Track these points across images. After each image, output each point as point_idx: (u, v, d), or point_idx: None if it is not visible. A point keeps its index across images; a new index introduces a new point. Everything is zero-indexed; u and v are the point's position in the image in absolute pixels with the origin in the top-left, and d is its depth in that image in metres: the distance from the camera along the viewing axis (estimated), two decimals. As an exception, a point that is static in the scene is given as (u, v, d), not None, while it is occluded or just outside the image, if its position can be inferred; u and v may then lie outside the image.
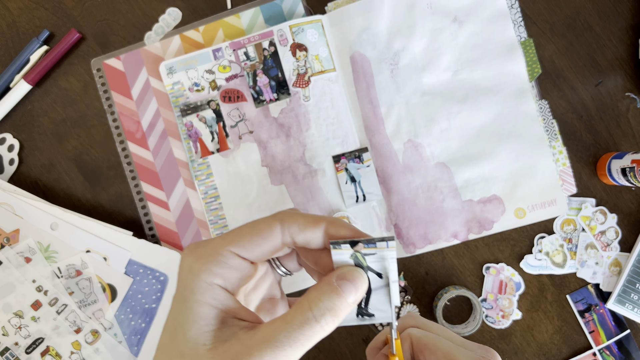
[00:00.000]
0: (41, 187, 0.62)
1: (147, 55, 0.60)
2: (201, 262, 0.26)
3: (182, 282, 0.26)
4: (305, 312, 0.24)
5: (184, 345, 0.25)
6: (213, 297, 0.25)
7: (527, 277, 0.59)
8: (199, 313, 0.25)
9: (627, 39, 0.59)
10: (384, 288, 0.27)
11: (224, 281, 0.26)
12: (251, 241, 0.26)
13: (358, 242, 0.26)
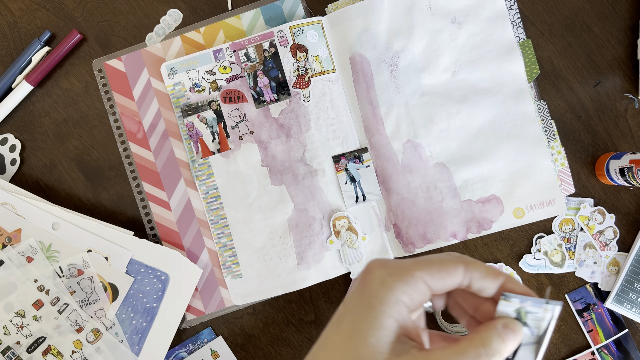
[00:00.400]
0: (43, 187, 0.62)
1: (148, 56, 0.60)
2: (394, 277, 0.28)
3: (371, 291, 0.28)
4: (478, 347, 0.27)
5: (362, 349, 0.27)
6: (398, 312, 0.28)
7: (526, 277, 0.59)
8: (383, 323, 0.27)
9: (625, 40, 0.59)
10: (532, 345, 0.29)
11: (409, 301, 0.28)
12: (438, 273, 0.29)
13: (528, 300, 0.29)
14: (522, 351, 0.29)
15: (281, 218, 0.59)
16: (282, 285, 0.59)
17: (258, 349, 0.61)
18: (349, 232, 0.58)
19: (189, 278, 0.59)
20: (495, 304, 0.29)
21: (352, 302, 0.29)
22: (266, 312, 0.61)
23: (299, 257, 0.59)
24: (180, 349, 0.61)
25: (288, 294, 0.60)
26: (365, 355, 0.27)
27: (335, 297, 0.61)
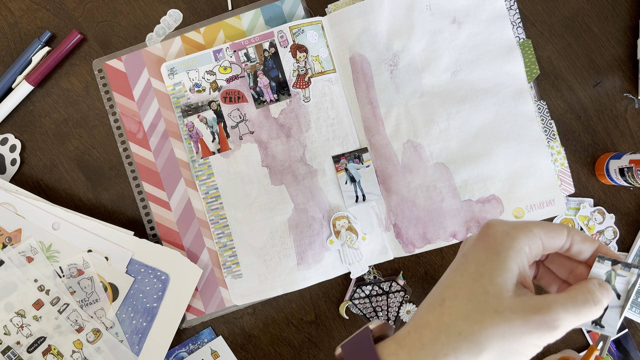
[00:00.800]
0: (43, 187, 0.62)
1: (149, 56, 0.60)
2: (517, 230, 0.32)
3: (496, 240, 0.32)
4: (585, 294, 0.31)
5: (489, 286, 0.31)
6: (520, 260, 0.32)
7: (526, 277, 0.59)
8: (509, 266, 0.31)
9: (625, 40, 0.59)
10: (617, 308, 0.33)
11: (529, 252, 0.32)
12: (550, 232, 0.33)
13: (618, 262, 0.33)
14: (609, 312, 0.33)
15: (281, 218, 0.59)
16: (282, 285, 0.59)
17: (258, 349, 0.61)
18: (349, 232, 0.58)
19: (189, 278, 0.59)
20: (588, 268, 0.34)
21: (474, 252, 0.33)
22: (266, 312, 0.61)
23: (299, 257, 0.59)
24: (181, 349, 0.61)
25: (288, 293, 0.60)
26: (492, 292, 0.31)
27: (335, 297, 0.61)
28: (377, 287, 0.60)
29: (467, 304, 0.31)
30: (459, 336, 0.30)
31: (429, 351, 0.31)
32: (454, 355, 0.30)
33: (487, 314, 0.30)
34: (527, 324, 0.29)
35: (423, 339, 0.31)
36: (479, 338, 0.30)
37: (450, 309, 0.32)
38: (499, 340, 0.29)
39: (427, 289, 0.60)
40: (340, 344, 0.35)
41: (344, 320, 0.61)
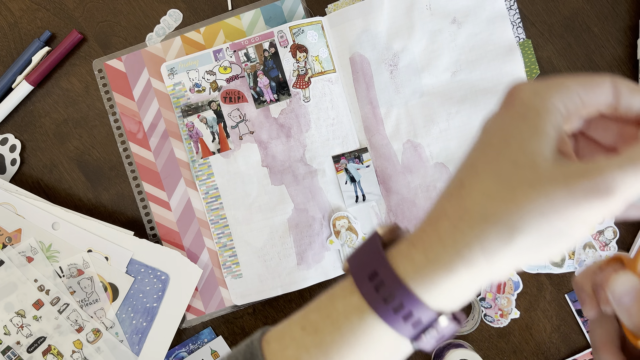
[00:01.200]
0: (43, 187, 0.62)
1: (149, 56, 0.60)
2: (547, 87, 0.26)
3: (524, 103, 0.26)
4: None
5: (519, 156, 0.24)
6: (555, 121, 0.25)
7: (526, 277, 0.60)
8: (543, 130, 0.25)
9: (625, 40, 0.59)
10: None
11: (565, 110, 0.25)
12: (589, 84, 0.26)
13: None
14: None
15: (281, 218, 0.59)
16: (282, 285, 0.59)
17: (258, 349, 0.61)
18: (349, 232, 0.58)
19: (189, 278, 0.59)
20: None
21: (497, 123, 0.26)
22: (266, 312, 0.61)
23: (299, 257, 0.59)
24: (181, 349, 0.61)
25: (288, 294, 0.60)
26: (523, 162, 0.24)
27: (335, 297, 0.61)
28: (377, 287, 0.60)
29: (492, 180, 0.25)
30: (484, 220, 0.24)
31: (447, 244, 0.25)
32: (479, 245, 0.24)
33: (518, 189, 0.24)
34: (573, 193, 0.23)
35: (440, 232, 0.26)
36: (510, 219, 0.24)
37: (470, 191, 0.25)
38: (536, 219, 0.23)
39: (427, 289, 0.60)
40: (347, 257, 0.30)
41: (344, 320, 0.61)
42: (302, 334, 0.30)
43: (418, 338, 0.27)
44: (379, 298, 0.27)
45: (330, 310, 0.30)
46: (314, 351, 0.29)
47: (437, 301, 0.26)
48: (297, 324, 0.31)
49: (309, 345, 0.29)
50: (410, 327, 0.27)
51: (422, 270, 0.26)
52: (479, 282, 0.26)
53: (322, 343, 0.29)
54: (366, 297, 0.27)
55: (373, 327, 0.27)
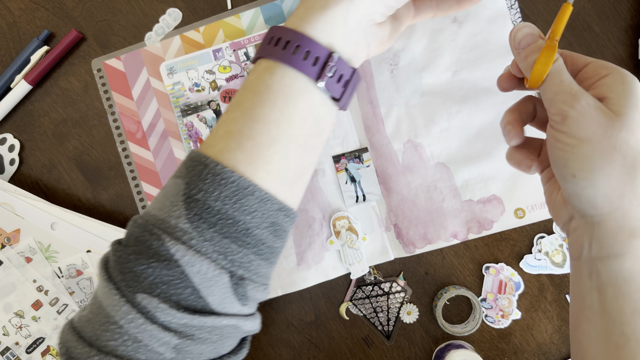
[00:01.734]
0: (42, 187, 0.62)
1: (148, 56, 0.60)
2: None
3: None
4: None
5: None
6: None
7: (527, 277, 0.59)
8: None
9: (626, 40, 0.59)
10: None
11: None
12: None
13: None
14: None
15: (281, 218, 0.58)
16: (281, 285, 0.58)
17: (258, 350, 0.61)
18: (349, 233, 0.58)
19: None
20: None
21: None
22: (266, 312, 0.61)
23: (299, 258, 0.58)
24: (180, 350, 0.61)
25: (288, 294, 0.60)
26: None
27: (335, 297, 0.60)
28: (377, 288, 0.60)
29: None
30: None
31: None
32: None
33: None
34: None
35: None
36: None
37: None
38: None
39: (427, 289, 0.60)
40: None
41: (344, 321, 0.60)
42: (227, 115, 0.34)
43: (322, 76, 0.33)
44: (279, 49, 0.33)
45: (246, 84, 0.34)
46: (241, 119, 0.33)
47: (325, 37, 0.33)
48: (224, 113, 0.35)
49: (236, 117, 0.33)
50: (310, 65, 0.32)
51: (304, 16, 0.33)
52: (351, 16, 0.33)
53: (246, 109, 0.33)
54: (270, 55, 0.33)
55: (282, 76, 0.33)
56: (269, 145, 0.32)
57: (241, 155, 0.31)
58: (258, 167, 0.32)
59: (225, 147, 0.32)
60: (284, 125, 0.32)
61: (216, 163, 0.31)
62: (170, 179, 0.33)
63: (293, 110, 0.32)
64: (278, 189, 0.33)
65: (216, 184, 0.30)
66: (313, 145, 0.35)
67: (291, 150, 0.33)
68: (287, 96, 0.32)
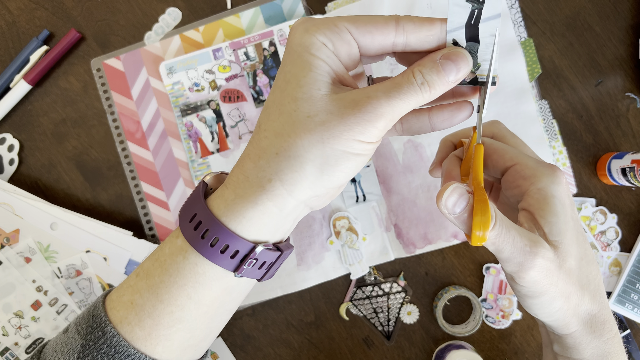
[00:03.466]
0: (41, 187, 0.62)
1: (147, 55, 0.60)
2: (317, 26, 0.28)
3: (296, 41, 0.28)
4: (409, 77, 0.27)
5: (297, 91, 0.27)
6: (327, 56, 0.27)
7: (527, 277, 0.59)
8: (314, 64, 0.27)
9: (627, 39, 0.59)
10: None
11: (333, 48, 0.28)
12: (365, 26, 0.28)
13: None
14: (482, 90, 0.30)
15: (281, 218, 0.58)
16: (281, 286, 0.58)
17: (258, 350, 0.60)
18: (349, 233, 0.58)
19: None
20: None
21: (282, 65, 0.29)
22: (266, 313, 0.61)
23: (299, 258, 0.58)
24: (180, 350, 0.61)
25: (288, 294, 0.60)
26: (301, 96, 0.27)
27: (335, 298, 0.60)
28: (377, 288, 0.60)
29: (278, 119, 0.28)
30: (277, 156, 0.27)
31: (252, 181, 0.28)
32: (277, 178, 0.27)
33: (299, 123, 0.27)
34: (345, 121, 0.26)
35: (245, 171, 0.29)
36: (297, 151, 0.27)
37: (265, 132, 0.28)
38: (318, 147, 0.26)
39: (428, 289, 0.60)
40: None
41: (344, 321, 0.60)
42: (136, 280, 0.31)
43: (239, 269, 0.29)
44: (197, 236, 0.29)
45: (159, 255, 0.31)
46: (146, 294, 0.30)
47: (250, 232, 0.29)
48: (134, 272, 0.32)
49: (141, 288, 0.31)
50: (228, 259, 0.29)
51: (232, 206, 0.29)
52: (286, 210, 0.29)
53: (153, 285, 0.30)
54: (187, 237, 0.30)
55: (196, 263, 0.30)
56: (170, 325, 0.30)
57: (140, 332, 0.30)
58: (155, 344, 0.30)
59: (125, 319, 0.30)
60: (190, 307, 0.30)
61: (114, 334, 0.30)
62: (72, 325, 0.32)
63: (202, 295, 0.30)
64: (180, 354, 0.32)
65: (110, 356, 0.30)
66: (226, 310, 0.33)
67: (196, 325, 0.31)
68: (199, 283, 0.30)
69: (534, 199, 0.32)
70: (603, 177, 0.58)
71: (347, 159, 0.27)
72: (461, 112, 0.31)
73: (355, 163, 0.28)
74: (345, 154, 0.27)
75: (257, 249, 0.29)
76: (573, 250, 0.31)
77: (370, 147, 0.28)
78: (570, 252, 0.31)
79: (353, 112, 0.26)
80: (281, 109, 0.28)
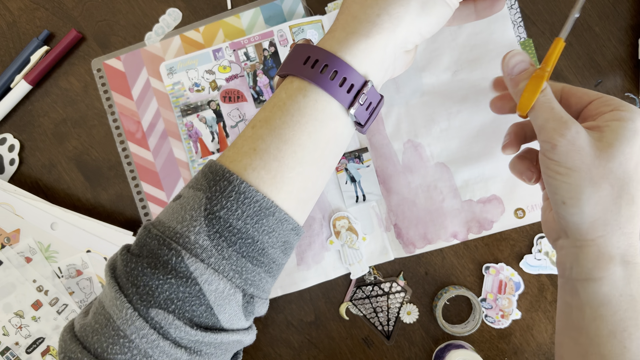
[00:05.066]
0: (42, 187, 0.62)
1: (148, 56, 0.60)
2: None
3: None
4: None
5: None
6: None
7: (527, 277, 0.59)
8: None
9: (626, 40, 0.59)
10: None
11: None
12: None
13: None
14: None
15: (281, 218, 0.58)
16: (281, 285, 0.58)
17: (257, 350, 0.61)
18: (349, 233, 0.58)
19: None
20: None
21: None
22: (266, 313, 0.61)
23: (299, 258, 0.58)
24: (180, 350, 0.61)
25: (288, 294, 0.60)
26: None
27: (335, 297, 0.60)
28: (377, 288, 0.60)
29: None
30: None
31: (360, 19, 0.32)
32: (385, 12, 0.31)
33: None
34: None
35: (352, 12, 0.32)
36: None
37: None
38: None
39: (427, 289, 0.60)
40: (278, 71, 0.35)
41: (344, 321, 0.60)
42: (253, 131, 0.33)
43: (353, 104, 0.32)
44: (316, 71, 0.31)
45: (275, 101, 0.33)
46: (268, 138, 0.32)
47: (362, 65, 0.32)
48: (248, 126, 0.33)
49: (263, 134, 0.32)
50: (345, 92, 0.32)
51: (345, 42, 0.32)
52: (390, 45, 0.32)
53: (275, 127, 0.32)
54: (306, 75, 0.32)
55: (316, 100, 0.32)
56: (292, 167, 0.32)
57: (266, 176, 0.31)
58: (280, 188, 0.31)
59: (250, 165, 0.31)
60: (310, 148, 0.32)
61: (241, 181, 0.30)
62: (186, 190, 0.33)
63: (320, 134, 0.32)
64: (293, 209, 0.33)
65: (239, 202, 0.30)
66: (330, 166, 0.35)
67: (311, 173, 0.33)
68: (318, 120, 0.32)
69: (610, 114, 0.33)
70: (602, 177, 0.58)
71: (441, 4, 0.32)
72: (499, 2, 0.37)
73: (444, 11, 0.33)
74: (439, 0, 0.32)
75: (369, 83, 0.32)
76: (624, 161, 0.32)
77: (455, 1, 0.33)
78: (619, 159, 0.32)
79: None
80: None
